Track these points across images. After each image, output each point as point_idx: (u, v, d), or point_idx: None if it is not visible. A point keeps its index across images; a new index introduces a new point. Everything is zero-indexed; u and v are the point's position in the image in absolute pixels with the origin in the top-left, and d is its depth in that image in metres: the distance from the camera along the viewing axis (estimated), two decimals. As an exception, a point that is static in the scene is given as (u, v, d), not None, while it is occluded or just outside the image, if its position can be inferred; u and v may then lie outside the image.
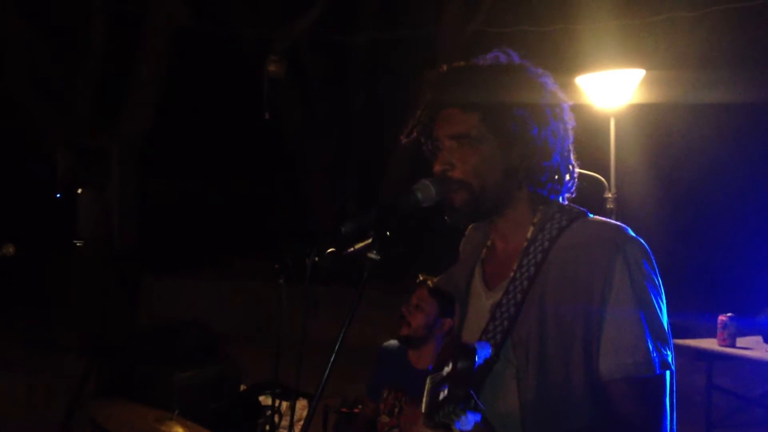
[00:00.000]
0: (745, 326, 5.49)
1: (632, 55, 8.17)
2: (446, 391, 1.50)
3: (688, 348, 5.55)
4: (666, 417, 1.67)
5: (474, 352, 1.52)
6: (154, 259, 11.79)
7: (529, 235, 1.80)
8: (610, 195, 5.93)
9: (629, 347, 1.63)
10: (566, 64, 7.17)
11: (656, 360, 1.63)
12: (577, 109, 1.89)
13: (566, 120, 1.84)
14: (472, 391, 1.46)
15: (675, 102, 9.07)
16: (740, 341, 5.44)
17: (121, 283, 10.17)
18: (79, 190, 7.70)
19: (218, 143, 15.42)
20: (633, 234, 1.73)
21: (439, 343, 3.56)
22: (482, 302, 1.85)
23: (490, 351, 1.63)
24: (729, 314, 5.46)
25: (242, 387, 6.00)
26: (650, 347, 1.63)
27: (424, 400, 1.61)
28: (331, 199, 13.93)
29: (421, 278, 3.60)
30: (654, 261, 1.72)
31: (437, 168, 1.80)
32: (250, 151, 15.20)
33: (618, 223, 1.78)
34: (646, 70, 6.23)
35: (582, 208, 1.83)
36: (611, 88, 6.14)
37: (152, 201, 13.78)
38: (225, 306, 11.35)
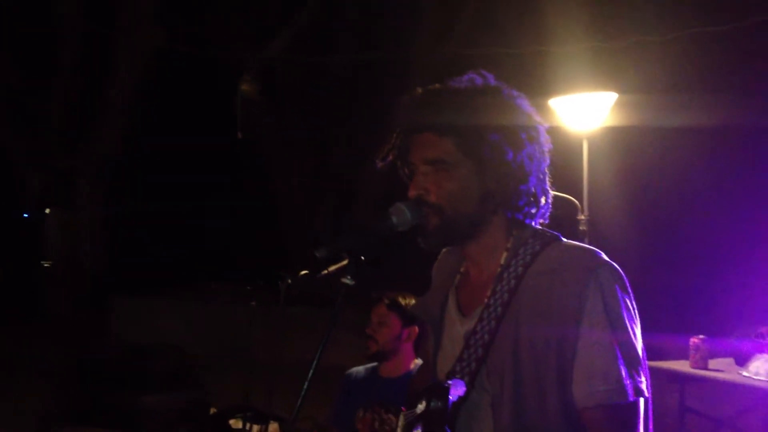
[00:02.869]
0: (716, 348, 5.50)
1: (604, 79, 8.24)
2: (420, 431, 1.48)
3: (661, 370, 5.55)
4: None
5: (447, 391, 1.50)
6: (124, 280, 11.66)
7: (502, 260, 1.78)
8: (583, 217, 5.95)
9: (602, 374, 1.61)
10: (539, 87, 7.21)
11: (629, 387, 1.61)
12: (550, 132, 1.87)
13: (542, 142, 1.81)
14: (447, 429, 1.44)
15: (647, 125, 9.16)
16: (712, 363, 5.45)
17: (91, 304, 10.05)
18: (47, 210, 7.60)
19: (191, 164, 15.34)
20: (606, 259, 1.71)
21: (409, 350, 3.57)
22: (456, 329, 1.82)
23: (464, 390, 1.61)
24: (701, 336, 5.47)
25: (212, 410, 5.92)
26: (623, 374, 1.61)
27: None
28: (305, 221, 13.89)
29: (374, 296, 3.62)
30: (628, 286, 1.70)
31: (412, 193, 1.78)
32: (223, 171, 15.14)
33: (591, 247, 1.76)
34: (618, 93, 6.28)
35: (555, 232, 1.81)
36: (584, 111, 6.18)
37: (123, 222, 13.64)
38: (196, 328, 11.22)
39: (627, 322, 1.66)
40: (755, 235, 9.70)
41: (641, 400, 1.64)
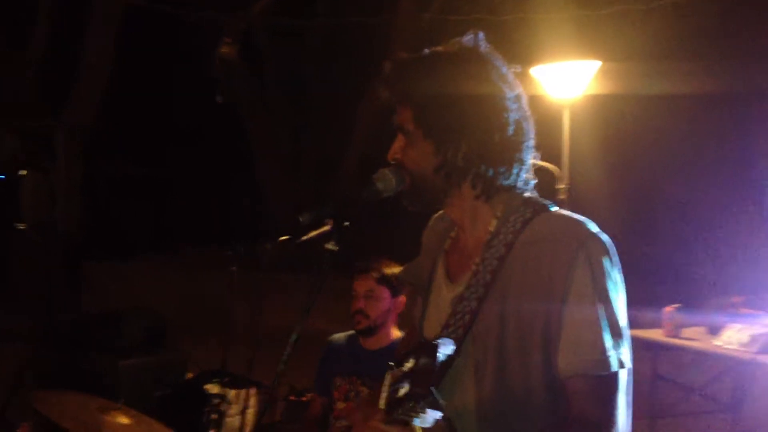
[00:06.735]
0: (690, 317, 5.56)
1: (587, 47, 8.20)
2: (407, 388, 1.46)
3: (635, 338, 5.58)
4: (621, 415, 1.65)
5: (436, 348, 1.49)
6: (100, 244, 11.57)
7: (492, 227, 1.77)
8: (562, 185, 5.95)
9: (587, 344, 1.62)
10: (521, 54, 7.16)
11: (613, 358, 1.62)
12: (531, 100, 1.83)
13: (514, 110, 1.76)
14: (433, 389, 1.43)
15: (629, 93, 9.15)
16: (685, 332, 5.51)
17: (65, 268, 9.96)
18: (23, 172, 7.49)
19: (171, 128, 15.19)
20: (596, 230, 1.70)
21: (393, 321, 3.57)
22: (444, 295, 1.82)
23: (452, 348, 1.60)
24: (675, 305, 5.53)
25: (189, 375, 5.90)
26: (608, 345, 1.62)
27: (382, 395, 1.56)
28: (286, 185, 13.80)
29: (360, 266, 3.55)
30: (617, 258, 1.70)
31: (388, 156, 1.81)
32: (203, 136, 15.02)
33: (582, 218, 1.74)
34: (602, 61, 6.25)
35: (545, 201, 1.79)
36: (566, 79, 6.15)
37: (99, 185, 13.50)
38: (173, 293, 11.19)
39: (613, 295, 1.66)
40: (734, 205, 9.78)
41: (623, 371, 1.66)
